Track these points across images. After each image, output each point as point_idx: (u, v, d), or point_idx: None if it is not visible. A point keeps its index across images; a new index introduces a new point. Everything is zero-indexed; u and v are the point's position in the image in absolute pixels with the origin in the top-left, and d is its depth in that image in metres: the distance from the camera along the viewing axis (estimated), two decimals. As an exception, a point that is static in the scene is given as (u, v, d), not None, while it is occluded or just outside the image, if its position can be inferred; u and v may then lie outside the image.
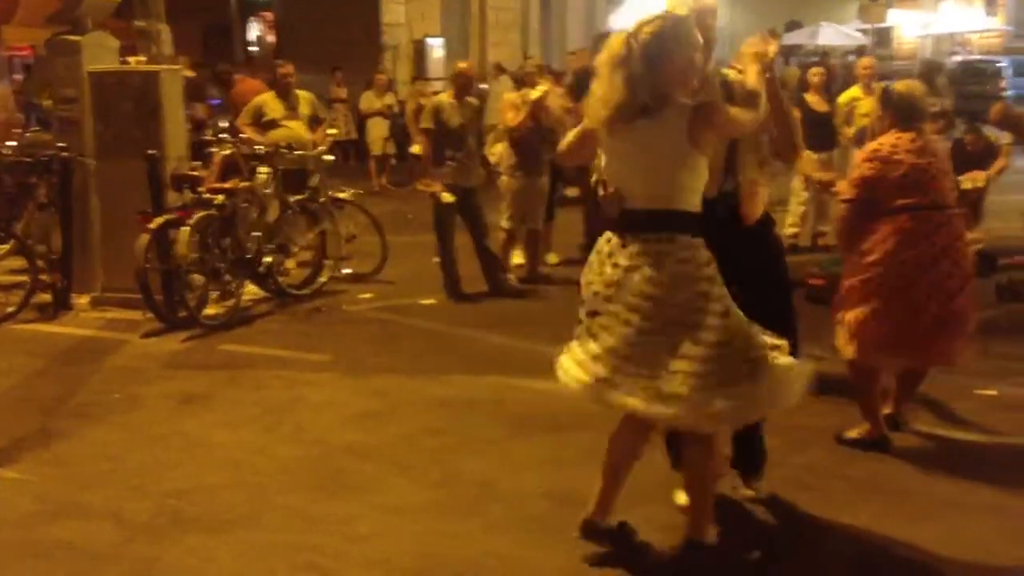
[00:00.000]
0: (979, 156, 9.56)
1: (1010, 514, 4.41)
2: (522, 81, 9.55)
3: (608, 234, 3.84)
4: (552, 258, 9.76)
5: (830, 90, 10.37)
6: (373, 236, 9.40)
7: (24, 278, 8.09)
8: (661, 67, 3.68)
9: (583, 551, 4.05)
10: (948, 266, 4.95)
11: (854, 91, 10.56)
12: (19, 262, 8.32)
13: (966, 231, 5.35)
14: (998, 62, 28.51)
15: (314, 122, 9.62)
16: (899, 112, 5.06)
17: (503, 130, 9.20)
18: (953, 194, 5.22)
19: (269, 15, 21.29)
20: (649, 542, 4.07)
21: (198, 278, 7.73)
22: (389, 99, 16.57)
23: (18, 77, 18.87)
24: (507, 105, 9.07)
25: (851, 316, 5.01)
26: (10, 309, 7.88)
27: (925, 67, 13.03)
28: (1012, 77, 26.54)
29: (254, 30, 22.30)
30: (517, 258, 9.40)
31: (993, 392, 5.94)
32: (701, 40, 3.82)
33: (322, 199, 9.01)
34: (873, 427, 5.10)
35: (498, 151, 9.30)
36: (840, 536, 4.23)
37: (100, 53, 8.54)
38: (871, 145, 5.07)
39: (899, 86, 5.23)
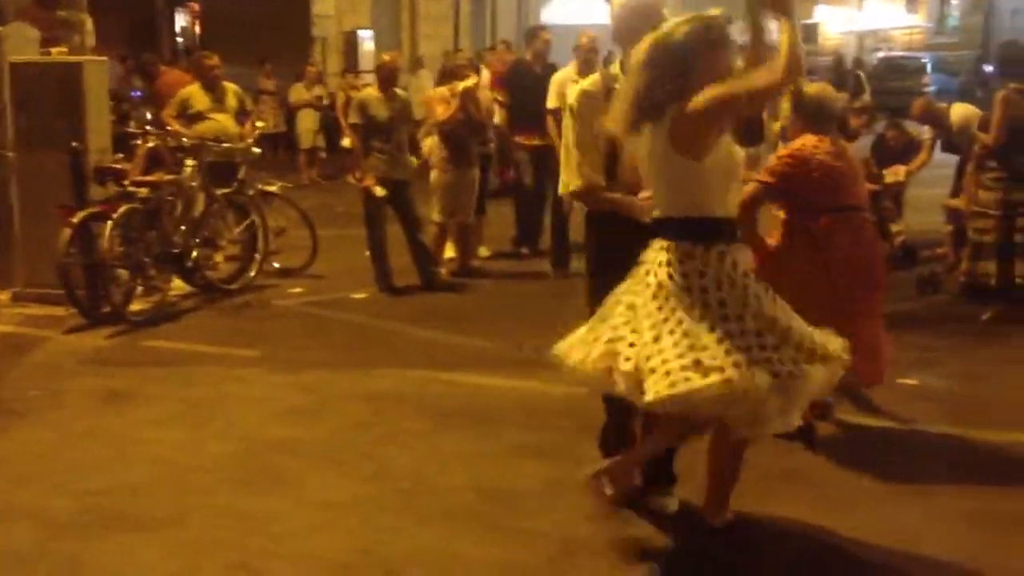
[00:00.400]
0: (901, 151, 9.74)
1: (933, 501, 4.51)
2: (452, 74, 9.51)
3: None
4: (484, 251, 9.77)
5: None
6: (303, 230, 9.33)
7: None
8: (689, 67, 3.62)
9: (513, 543, 4.08)
10: (866, 268, 5.03)
11: None
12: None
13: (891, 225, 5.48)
14: (920, 58, 29.14)
15: (241, 114, 9.51)
16: (811, 115, 5.13)
17: (432, 124, 9.18)
18: (867, 196, 5.31)
19: (195, 6, 20.96)
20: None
21: (123, 273, 7.60)
22: (319, 91, 16.44)
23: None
24: (436, 98, 9.05)
25: None
26: (-72, 305, 7.70)
27: (836, 64, 13.22)
28: (932, 73, 27.14)
29: (181, 21, 21.95)
30: (449, 251, 9.39)
31: (914, 382, 6.07)
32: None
33: (250, 192, 8.92)
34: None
35: (428, 145, 9.27)
36: (768, 527, 4.30)
37: (21, 44, 8.36)
38: (794, 144, 5.11)
39: (809, 89, 5.29)
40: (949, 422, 5.48)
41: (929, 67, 27.81)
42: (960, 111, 9.29)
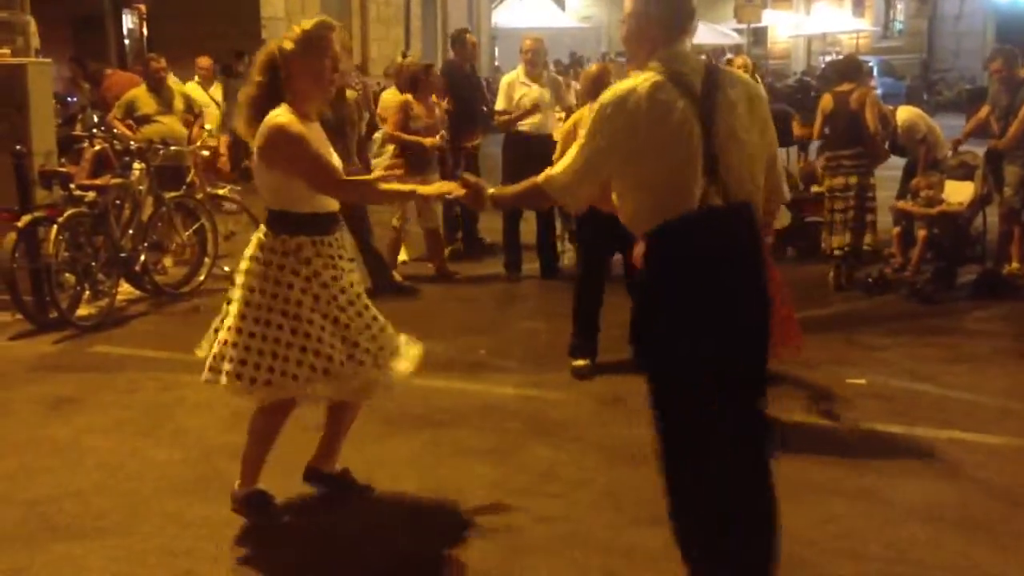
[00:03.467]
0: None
1: (878, 498, 4.57)
2: (415, 80, 9.39)
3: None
4: (404, 255, 9.62)
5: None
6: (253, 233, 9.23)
7: None
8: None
9: (463, 545, 4.07)
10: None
11: None
12: None
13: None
14: (867, 61, 29.52)
15: (189, 117, 9.42)
16: None
17: (388, 132, 9.09)
18: None
19: (143, 7, 20.72)
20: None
21: (70, 278, 7.50)
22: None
23: None
24: (394, 106, 8.98)
25: None
26: None
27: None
28: (879, 76, 27.47)
29: (128, 23, 21.70)
30: (403, 255, 9.35)
31: (862, 381, 6.14)
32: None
33: (199, 196, 8.83)
34: None
35: (390, 151, 9.15)
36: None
37: (-38, 46, 8.22)
38: None
39: None
40: (896, 421, 5.56)
41: (875, 70, 28.16)
42: (906, 114, 9.45)
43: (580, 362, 6.31)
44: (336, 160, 4.20)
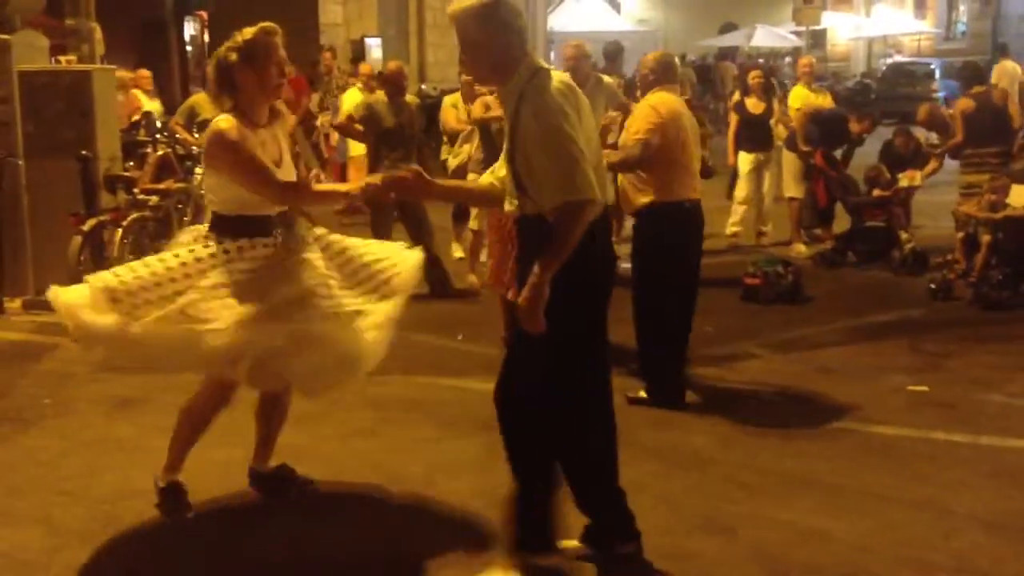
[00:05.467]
0: (910, 156, 9.76)
1: (938, 508, 4.50)
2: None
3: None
4: (458, 251, 9.65)
5: (767, 92, 10.59)
6: (311, 237, 9.31)
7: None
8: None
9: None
10: None
11: (800, 90, 10.86)
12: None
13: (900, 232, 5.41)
14: (929, 64, 29.08)
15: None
16: None
17: (471, 131, 9.06)
18: None
19: (203, 14, 21.00)
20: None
21: (133, 280, 7.62)
22: (329, 98, 16.44)
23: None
24: (482, 101, 8.95)
25: None
26: (-62, 313, 7.72)
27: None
28: (941, 79, 27.06)
29: (190, 30, 22.00)
30: (458, 252, 9.41)
31: (924, 388, 6.06)
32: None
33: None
34: None
35: (467, 151, 9.14)
36: (775, 531, 4.29)
37: (30, 52, 8.40)
38: None
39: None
40: (959, 429, 5.47)
41: (937, 73, 27.72)
42: (966, 118, 9.31)
43: None
44: (287, 171, 4.23)
